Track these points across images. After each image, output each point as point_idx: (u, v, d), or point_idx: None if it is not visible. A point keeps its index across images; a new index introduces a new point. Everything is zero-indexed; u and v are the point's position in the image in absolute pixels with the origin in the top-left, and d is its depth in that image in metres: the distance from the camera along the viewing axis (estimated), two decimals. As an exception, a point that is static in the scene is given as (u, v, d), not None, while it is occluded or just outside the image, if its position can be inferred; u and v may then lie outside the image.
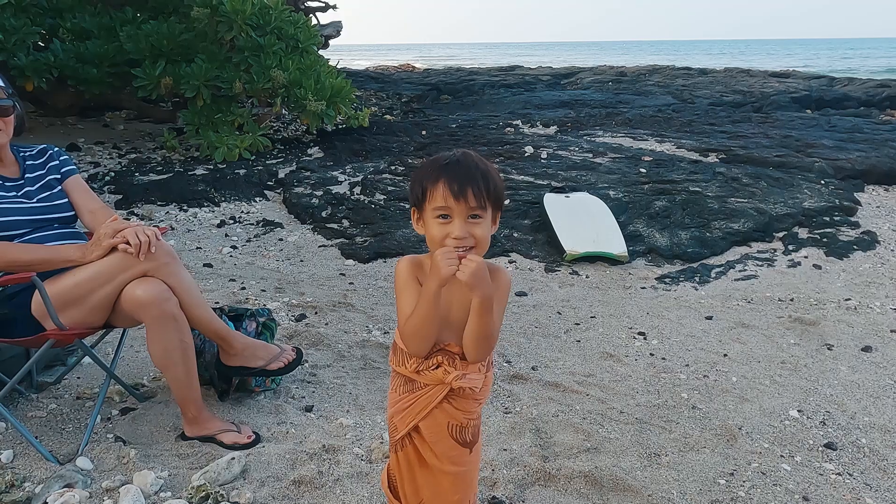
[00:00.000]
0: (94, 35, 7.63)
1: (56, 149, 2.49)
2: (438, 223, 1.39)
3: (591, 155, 7.10)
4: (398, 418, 1.52)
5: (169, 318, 2.13)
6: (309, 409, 2.59)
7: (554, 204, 5.19)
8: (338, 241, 5.01)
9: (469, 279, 1.34)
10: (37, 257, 2.10)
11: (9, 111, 2.24)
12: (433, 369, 1.45)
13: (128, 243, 2.08)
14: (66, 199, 2.37)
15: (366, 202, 5.77)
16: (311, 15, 11.99)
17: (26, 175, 2.34)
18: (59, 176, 2.40)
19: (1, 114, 2.22)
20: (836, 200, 5.74)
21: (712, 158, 7.05)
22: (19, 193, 2.28)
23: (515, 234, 5.04)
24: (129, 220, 4.58)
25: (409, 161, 6.96)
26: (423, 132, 8.65)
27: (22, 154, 2.39)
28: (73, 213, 2.37)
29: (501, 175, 1.61)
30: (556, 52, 75.43)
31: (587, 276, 4.45)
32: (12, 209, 2.21)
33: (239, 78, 7.19)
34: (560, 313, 3.80)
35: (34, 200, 2.29)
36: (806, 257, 4.77)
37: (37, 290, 2.06)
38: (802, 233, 5.19)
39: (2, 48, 6.79)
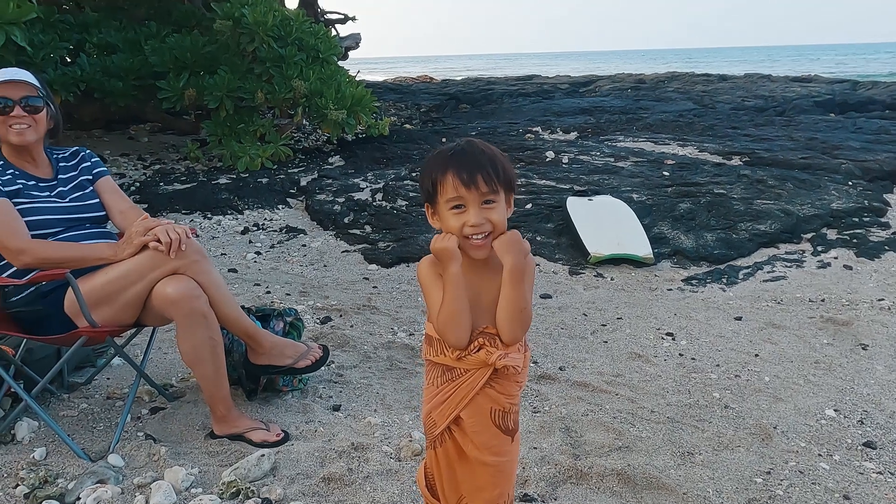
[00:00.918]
0: (119, 49, 7.78)
1: (87, 151, 2.52)
2: (453, 214, 1.39)
3: (612, 159, 7.06)
4: (437, 412, 1.50)
5: (199, 315, 2.14)
6: (336, 408, 2.58)
7: (577, 207, 5.16)
8: (360, 246, 5.02)
9: (510, 246, 1.36)
10: (70, 255, 2.12)
11: (39, 109, 2.28)
12: (475, 352, 1.43)
13: (159, 241, 2.10)
14: (97, 200, 2.40)
15: (387, 208, 5.78)
16: (330, 27, 12.11)
17: (59, 176, 2.38)
18: (90, 177, 2.43)
19: (32, 111, 2.25)
20: (865, 201, 5.64)
21: (736, 161, 6.97)
22: (52, 193, 2.31)
23: (539, 238, 5.02)
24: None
25: (430, 168, 6.97)
26: (443, 140, 8.67)
27: (55, 156, 2.43)
28: (104, 213, 2.40)
29: (522, 179, 1.60)
30: (574, 61, 75.49)
31: (612, 279, 4.40)
32: (46, 208, 2.24)
33: (261, 88, 7.27)
34: (586, 315, 3.77)
35: (66, 200, 2.32)
36: (836, 258, 4.68)
37: (70, 289, 2.08)
38: (831, 234, 5.10)
39: (31, 63, 6.92)
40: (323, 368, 2.87)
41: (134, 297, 2.12)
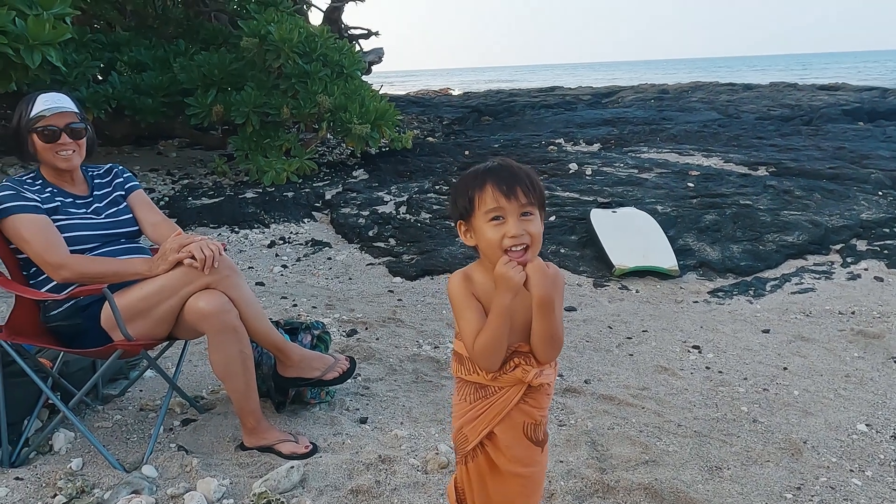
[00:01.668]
0: (149, 67, 7.97)
1: (120, 167, 2.60)
2: (492, 226, 1.40)
3: (636, 171, 7.04)
4: (469, 428, 1.50)
5: (230, 329, 2.19)
6: (363, 420, 2.61)
7: (601, 219, 5.16)
8: (385, 259, 5.07)
9: (542, 279, 1.36)
10: (108, 270, 2.19)
11: (82, 133, 2.36)
12: (511, 371, 1.44)
13: (193, 258, 2.15)
14: (130, 215, 2.47)
15: (412, 221, 5.82)
16: (354, 42, 12.27)
17: (94, 193, 2.45)
18: (123, 192, 2.51)
19: (75, 136, 2.33)
20: (896, 211, 5.55)
21: (762, 172, 6.91)
22: (89, 210, 2.38)
23: (562, 250, 5.02)
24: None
25: (454, 180, 7.01)
26: (466, 152, 8.72)
27: (90, 173, 2.51)
28: (137, 227, 2.46)
29: (546, 191, 1.62)
30: (596, 72, 75.34)
31: (637, 291, 4.38)
32: (83, 224, 2.31)
33: (286, 104, 7.40)
34: (611, 328, 3.75)
35: (102, 216, 2.39)
36: (866, 269, 4.61)
37: (106, 303, 2.14)
38: (861, 245, 5.02)
39: (64, 81, 7.13)
40: (350, 381, 2.90)
41: (168, 311, 2.17)
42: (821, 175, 6.56)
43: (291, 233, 5.74)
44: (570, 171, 7.14)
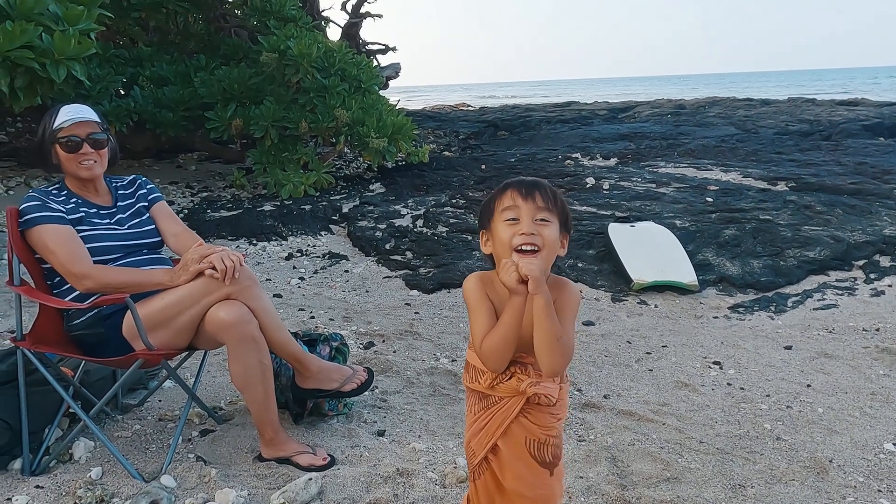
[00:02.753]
0: (170, 81, 8.09)
1: (144, 178, 2.63)
2: (507, 226, 1.41)
3: (654, 185, 7.01)
4: (475, 441, 1.50)
5: (249, 339, 2.19)
6: (381, 433, 2.60)
7: (619, 233, 5.13)
8: (402, 272, 5.07)
9: (537, 274, 1.34)
10: (130, 280, 2.21)
11: (103, 143, 2.39)
12: (507, 380, 1.44)
13: (214, 268, 2.17)
14: (153, 226, 2.49)
15: (428, 234, 5.83)
16: (372, 57, 12.38)
17: (118, 203, 2.48)
18: (146, 203, 2.53)
19: (96, 146, 2.36)
20: (920, 227, 5.46)
21: (781, 187, 6.85)
22: (112, 221, 2.41)
23: (580, 265, 4.99)
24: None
25: (470, 194, 7.02)
26: (483, 166, 8.73)
27: (114, 184, 2.54)
28: (159, 238, 2.49)
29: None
30: (611, 87, 75.39)
31: (656, 306, 4.34)
32: (106, 235, 2.34)
33: (305, 118, 7.47)
34: (630, 342, 3.72)
35: (126, 227, 2.42)
36: (890, 286, 4.54)
37: (128, 313, 2.15)
38: (884, 261, 4.95)
39: (87, 96, 7.25)
40: (367, 393, 2.89)
41: (189, 321, 2.18)
42: (842, 190, 6.49)
43: (309, 245, 5.76)
44: (588, 186, 7.12)
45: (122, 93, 8.38)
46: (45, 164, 2.39)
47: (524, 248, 1.38)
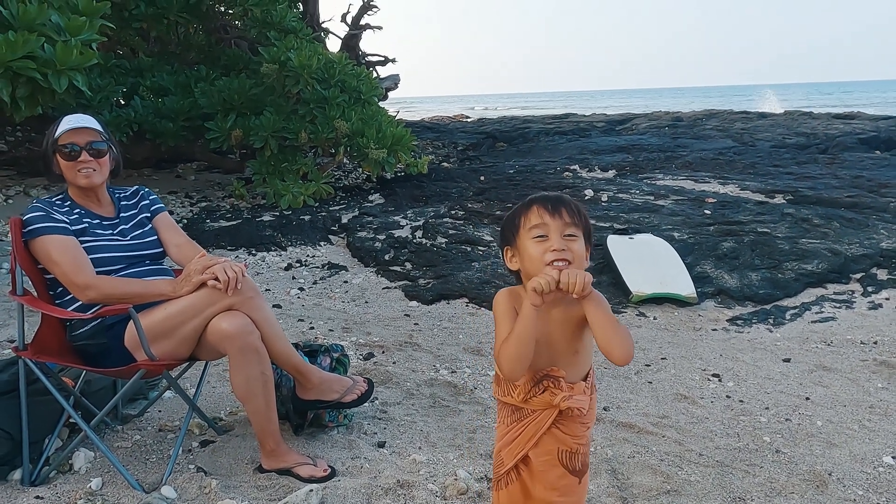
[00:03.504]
0: (171, 92, 8.13)
1: (146, 190, 2.64)
2: (535, 242, 1.44)
3: (652, 197, 7.04)
4: (506, 451, 1.52)
5: (251, 350, 2.20)
6: (381, 444, 2.60)
7: (617, 245, 5.14)
8: (401, 283, 5.07)
9: (575, 282, 1.36)
10: (133, 290, 2.21)
11: (103, 153, 2.40)
12: (541, 394, 1.46)
13: (216, 279, 2.17)
14: (155, 237, 2.50)
15: (427, 245, 5.84)
16: (371, 68, 12.44)
17: (121, 214, 2.49)
18: (149, 214, 2.54)
19: (96, 154, 2.38)
20: (916, 240, 5.49)
21: (779, 199, 6.88)
22: (115, 232, 2.42)
23: (579, 276, 5.00)
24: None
25: (469, 205, 7.05)
26: (482, 178, 8.76)
27: (117, 195, 2.55)
28: (161, 250, 2.49)
29: None
30: (608, 99, 75.76)
31: (655, 318, 4.36)
32: (109, 246, 2.34)
33: (304, 129, 7.50)
34: (629, 354, 3.72)
35: (128, 238, 2.43)
36: (888, 299, 4.56)
37: (131, 322, 2.16)
38: (882, 274, 4.97)
39: (88, 105, 7.27)
40: (367, 404, 2.90)
41: (191, 331, 2.19)
42: (839, 203, 6.53)
43: (308, 256, 5.77)
44: (586, 198, 7.15)
45: (123, 103, 8.41)
46: (49, 173, 2.40)
47: (557, 263, 1.41)
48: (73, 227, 2.31)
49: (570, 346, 1.50)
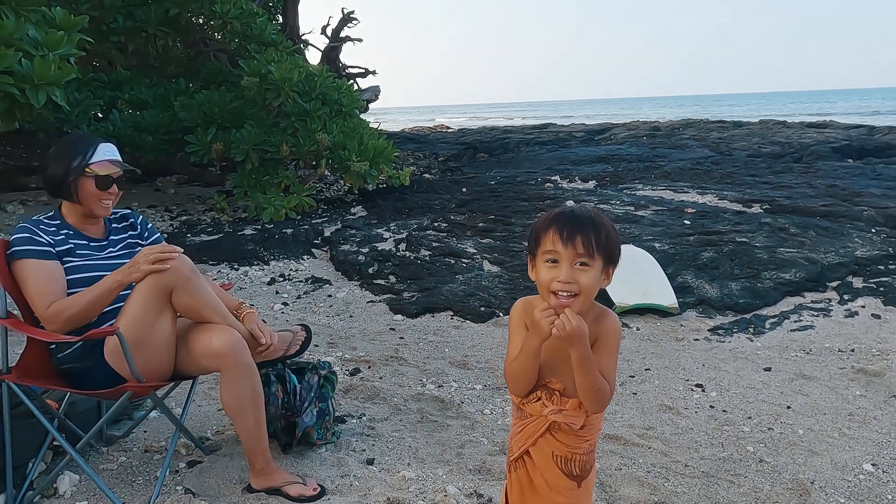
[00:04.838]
0: (150, 105, 8.07)
1: (137, 215, 2.63)
2: (547, 267, 1.45)
3: (632, 208, 7.12)
4: (514, 441, 1.62)
5: (244, 366, 2.21)
6: (370, 461, 2.59)
7: (599, 256, 5.19)
8: (386, 296, 5.07)
9: (565, 337, 1.40)
10: (88, 298, 2.16)
11: (124, 185, 2.44)
12: (534, 402, 1.54)
13: (159, 262, 2.16)
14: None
15: (411, 258, 5.85)
16: (352, 80, 12.46)
17: (111, 237, 2.47)
18: (142, 242, 2.52)
19: (121, 187, 2.43)
20: (890, 248, 5.61)
21: (756, 209, 7.00)
22: (102, 254, 2.40)
23: (562, 288, 5.04)
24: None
25: (452, 217, 7.07)
26: (464, 189, 8.80)
27: (107, 218, 2.52)
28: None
29: None
30: (588, 108, 76.50)
31: (638, 329, 4.40)
32: (95, 266, 2.32)
33: (286, 141, 7.48)
34: (613, 366, 3.76)
35: (114, 260, 2.40)
36: (863, 307, 4.65)
37: (110, 338, 2.13)
38: (857, 282, 5.07)
39: (66, 120, 7.20)
40: (355, 421, 2.90)
41: (161, 329, 2.16)
42: (814, 212, 6.65)
43: (291, 270, 5.75)
44: (567, 208, 7.21)
45: (101, 116, 8.33)
46: (58, 191, 2.35)
47: (561, 294, 1.42)
48: (58, 249, 2.28)
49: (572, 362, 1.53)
